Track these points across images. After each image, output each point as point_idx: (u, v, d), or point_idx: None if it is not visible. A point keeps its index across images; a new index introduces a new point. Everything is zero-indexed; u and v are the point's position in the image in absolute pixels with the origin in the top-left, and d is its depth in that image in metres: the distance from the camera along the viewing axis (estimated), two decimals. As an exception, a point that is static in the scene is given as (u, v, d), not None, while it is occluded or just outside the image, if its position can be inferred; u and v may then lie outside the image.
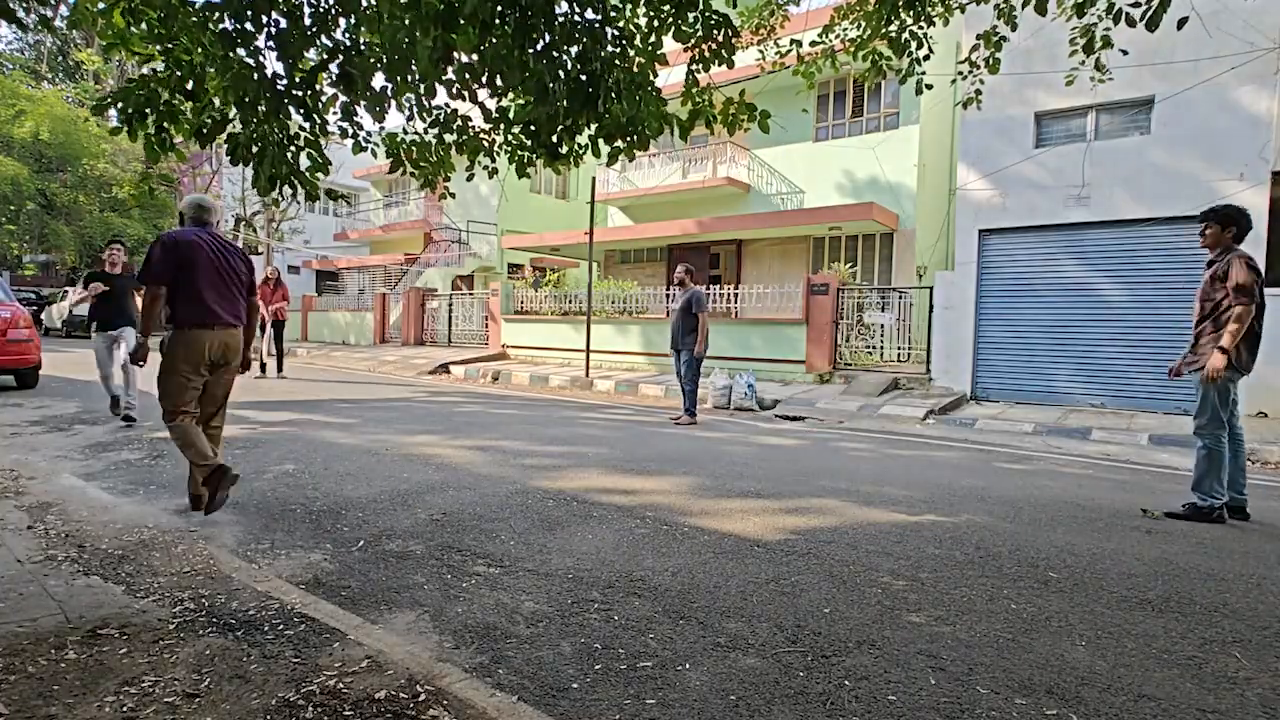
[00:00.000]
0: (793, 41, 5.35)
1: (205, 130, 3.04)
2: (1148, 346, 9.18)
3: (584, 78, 3.02)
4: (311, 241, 28.26)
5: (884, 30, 4.94)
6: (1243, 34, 8.41)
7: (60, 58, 29.04)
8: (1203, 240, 4.34)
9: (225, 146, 3.05)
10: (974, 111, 6.62)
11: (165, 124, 2.98)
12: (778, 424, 8.24)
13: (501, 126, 3.49)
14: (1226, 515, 4.18)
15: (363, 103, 3.06)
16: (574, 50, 3.03)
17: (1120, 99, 9.26)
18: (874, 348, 11.76)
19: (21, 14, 2.87)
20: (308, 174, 3.24)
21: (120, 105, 2.88)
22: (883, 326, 11.72)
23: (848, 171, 14.52)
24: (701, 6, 3.34)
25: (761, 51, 6.57)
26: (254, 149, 3.04)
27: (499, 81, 3.04)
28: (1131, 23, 4.18)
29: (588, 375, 12.20)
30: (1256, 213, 8.28)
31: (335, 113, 3.27)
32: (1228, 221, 4.23)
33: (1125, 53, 5.38)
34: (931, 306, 10.68)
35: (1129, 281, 9.32)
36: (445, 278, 22.00)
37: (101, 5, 2.93)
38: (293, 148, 3.17)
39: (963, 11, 5.83)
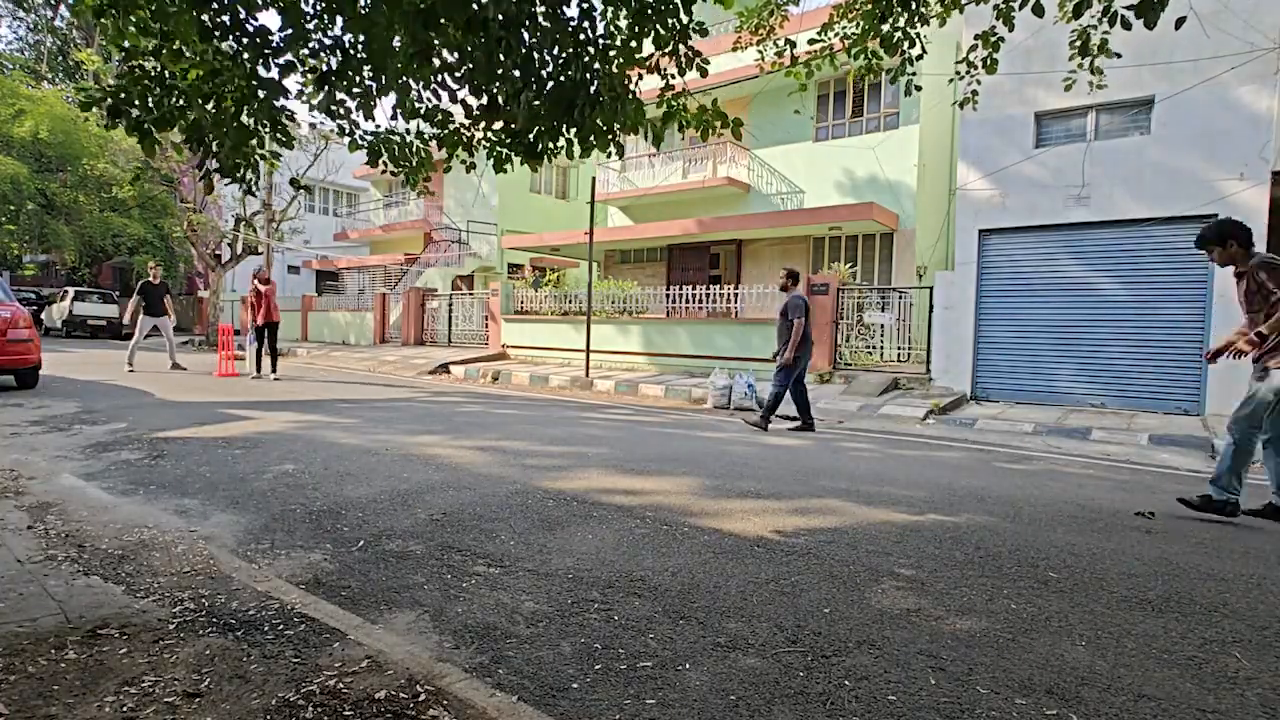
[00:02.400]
0: (788, 42, 5.34)
1: (168, 117, 3.00)
2: (1148, 346, 9.19)
3: (564, 80, 3.03)
4: (311, 241, 28.24)
5: (878, 29, 4.94)
6: (1243, 34, 8.41)
7: (60, 58, 28.99)
8: (1215, 261, 4.34)
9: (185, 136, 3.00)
10: (974, 111, 6.61)
11: (145, 120, 2.97)
12: (778, 424, 8.24)
13: (481, 124, 3.50)
14: (1239, 512, 4.17)
15: (352, 101, 3.07)
16: (554, 55, 3.05)
17: (1120, 99, 9.26)
18: (874, 348, 11.76)
19: (21, 14, 2.86)
20: (263, 156, 3.25)
21: (108, 102, 2.88)
22: (883, 326, 11.72)
23: (848, 171, 14.52)
24: (683, 11, 3.36)
25: (760, 51, 6.57)
26: (214, 135, 3.02)
27: (475, 81, 3.05)
28: (1127, 25, 4.17)
29: (588, 375, 12.19)
30: (1257, 212, 8.33)
31: (309, 103, 3.26)
32: (1224, 238, 4.22)
33: (1118, 55, 5.38)
34: (931, 306, 10.68)
35: (1129, 281, 9.32)
36: (445, 278, 21.99)
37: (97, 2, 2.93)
38: (254, 140, 3.16)
39: (961, 11, 5.82)
